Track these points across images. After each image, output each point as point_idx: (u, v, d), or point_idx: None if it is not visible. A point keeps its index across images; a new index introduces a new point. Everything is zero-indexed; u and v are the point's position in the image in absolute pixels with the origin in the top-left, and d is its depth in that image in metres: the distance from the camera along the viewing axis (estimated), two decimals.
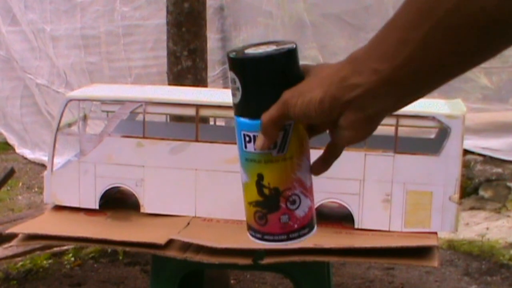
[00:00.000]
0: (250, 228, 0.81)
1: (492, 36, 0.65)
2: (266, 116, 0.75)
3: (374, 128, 0.76)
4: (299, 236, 0.79)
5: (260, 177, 0.77)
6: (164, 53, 2.71)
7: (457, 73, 0.70)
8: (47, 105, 5.15)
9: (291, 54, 0.75)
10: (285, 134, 0.77)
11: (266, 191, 0.78)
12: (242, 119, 0.77)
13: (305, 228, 0.79)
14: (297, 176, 0.77)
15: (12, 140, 5.54)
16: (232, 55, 0.76)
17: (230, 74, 0.76)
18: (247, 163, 0.78)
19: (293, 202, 0.78)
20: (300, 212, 0.78)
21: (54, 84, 5.01)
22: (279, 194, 0.77)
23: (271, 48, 0.76)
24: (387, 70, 0.70)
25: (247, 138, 0.77)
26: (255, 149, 0.76)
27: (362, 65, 0.71)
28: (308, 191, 0.78)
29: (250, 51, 0.76)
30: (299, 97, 0.74)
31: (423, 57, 0.68)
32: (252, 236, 0.80)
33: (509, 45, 0.67)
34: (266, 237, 0.79)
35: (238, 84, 0.75)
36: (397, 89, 0.71)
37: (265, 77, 0.75)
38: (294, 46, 0.76)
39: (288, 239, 0.78)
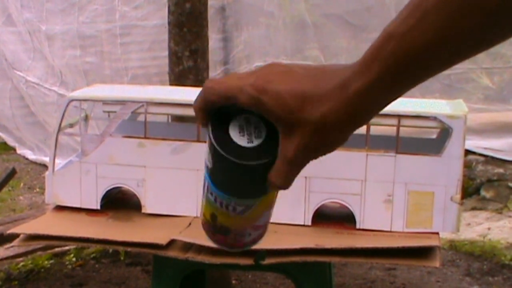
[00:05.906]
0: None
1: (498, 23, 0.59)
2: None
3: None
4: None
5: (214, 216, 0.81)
6: (161, 53, 2.72)
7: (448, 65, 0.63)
8: (34, 105, 5.14)
9: (265, 166, 0.69)
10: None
11: (217, 225, 0.82)
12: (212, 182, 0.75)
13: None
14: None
15: (11, 141, 5.55)
16: (215, 136, 0.72)
17: (208, 138, 0.73)
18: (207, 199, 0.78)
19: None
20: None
21: (47, 82, 5.00)
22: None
23: (252, 140, 0.70)
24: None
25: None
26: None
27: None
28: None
29: (234, 135, 0.71)
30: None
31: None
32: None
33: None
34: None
35: (211, 155, 0.73)
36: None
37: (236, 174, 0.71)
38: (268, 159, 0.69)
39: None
